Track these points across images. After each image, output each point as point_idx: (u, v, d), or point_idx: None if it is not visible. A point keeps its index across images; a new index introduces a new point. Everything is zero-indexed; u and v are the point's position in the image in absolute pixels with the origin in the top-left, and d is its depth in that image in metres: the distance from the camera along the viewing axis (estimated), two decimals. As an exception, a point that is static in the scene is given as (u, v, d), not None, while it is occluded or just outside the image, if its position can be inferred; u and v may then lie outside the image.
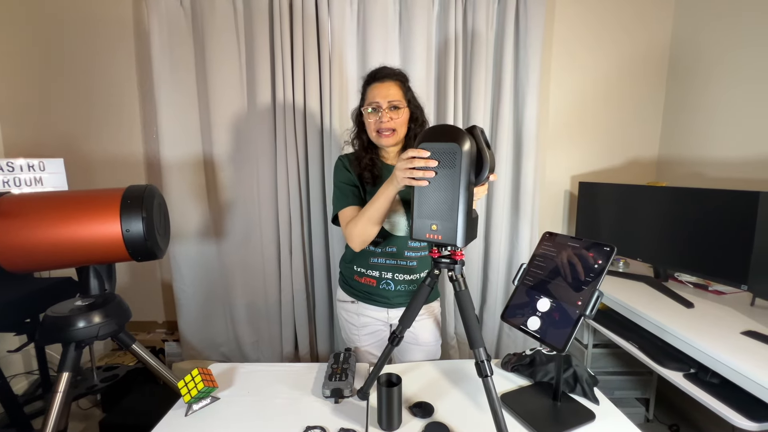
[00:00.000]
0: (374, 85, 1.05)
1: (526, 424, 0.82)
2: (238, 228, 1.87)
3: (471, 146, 0.71)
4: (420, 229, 0.77)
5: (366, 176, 1.07)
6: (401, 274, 1.11)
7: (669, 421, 1.75)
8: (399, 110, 1.04)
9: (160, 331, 2.12)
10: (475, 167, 0.73)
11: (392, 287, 1.12)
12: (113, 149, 1.94)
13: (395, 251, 1.10)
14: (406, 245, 1.10)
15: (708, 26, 1.75)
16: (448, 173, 0.72)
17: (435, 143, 0.74)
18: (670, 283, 1.55)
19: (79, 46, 1.86)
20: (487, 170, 0.74)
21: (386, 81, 1.04)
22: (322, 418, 0.85)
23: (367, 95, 1.07)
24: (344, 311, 1.21)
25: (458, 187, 0.71)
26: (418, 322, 1.16)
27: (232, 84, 1.76)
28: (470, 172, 0.72)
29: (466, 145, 0.71)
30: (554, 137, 1.99)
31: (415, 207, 0.77)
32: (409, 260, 1.11)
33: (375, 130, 1.05)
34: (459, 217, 0.72)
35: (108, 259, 1.06)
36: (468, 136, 0.72)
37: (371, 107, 1.04)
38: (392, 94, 1.03)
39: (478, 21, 1.71)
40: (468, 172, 0.71)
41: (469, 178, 0.72)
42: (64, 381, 0.99)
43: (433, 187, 0.74)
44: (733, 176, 1.61)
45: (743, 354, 1.01)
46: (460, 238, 0.73)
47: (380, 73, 1.06)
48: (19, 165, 1.49)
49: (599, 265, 0.76)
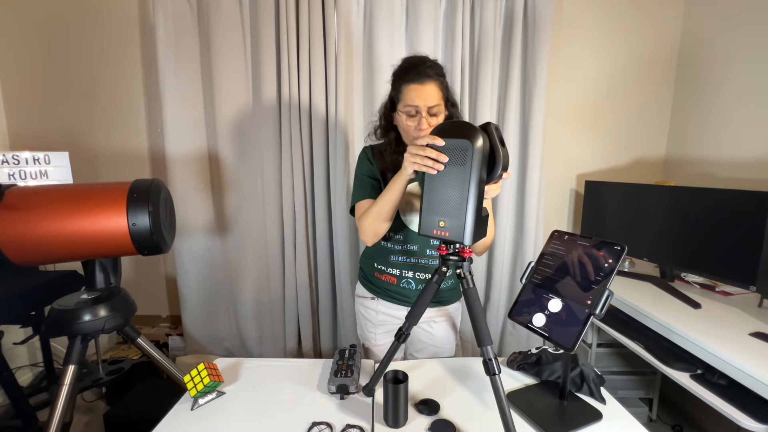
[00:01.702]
0: (413, 86, 0.95)
1: (533, 423, 0.82)
2: (242, 223, 1.87)
3: (483, 144, 0.70)
4: (428, 224, 0.76)
5: (389, 176, 1.01)
6: (422, 273, 1.08)
7: (672, 422, 1.74)
8: (438, 115, 0.97)
9: (164, 325, 2.12)
10: (488, 165, 0.72)
11: (413, 286, 1.09)
12: (118, 143, 1.94)
13: (416, 250, 1.07)
14: (428, 244, 1.07)
15: (718, 25, 1.73)
16: (458, 170, 0.71)
17: (447, 139, 0.73)
18: (677, 283, 1.54)
19: (85, 40, 1.85)
20: (500, 168, 0.73)
21: (427, 83, 0.94)
22: (327, 414, 0.85)
23: (404, 96, 0.96)
24: (363, 307, 1.18)
25: (468, 185, 0.70)
26: (437, 324, 1.14)
27: (238, 78, 1.75)
28: (481, 170, 0.71)
29: (478, 143, 0.70)
30: (561, 135, 1.97)
31: (424, 202, 0.76)
32: (430, 259, 1.08)
33: (412, 135, 0.97)
34: (468, 215, 0.71)
35: (114, 253, 1.06)
36: (481, 133, 0.71)
37: (408, 113, 0.96)
38: (432, 99, 0.95)
39: (486, 17, 1.70)
40: (479, 170, 0.70)
41: (480, 175, 0.71)
42: (70, 374, 0.99)
43: (443, 183, 0.74)
44: (742, 176, 1.59)
45: (751, 355, 1.00)
46: (467, 236, 0.72)
47: (420, 72, 0.94)
48: (24, 158, 1.49)
49: (609, 264, 0.75)
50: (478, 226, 0.74)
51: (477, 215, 0.72)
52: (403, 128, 1.00)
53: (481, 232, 0.76)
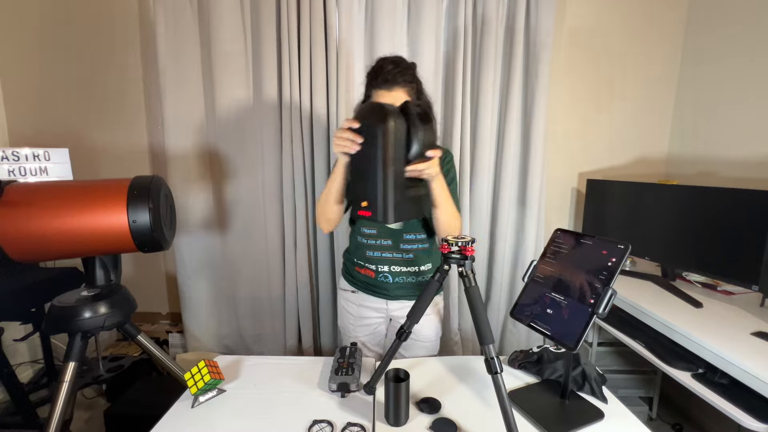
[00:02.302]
0: (380, 92, 0.95)
1: (535, 422, 0.82)
2: (242, 220, 1.87)
3: (394, 125, 0.70)
4: (356, 205, 0.78)
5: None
6: (399, 266, 1.11)
7: (672, 421, 1.75)
8: None
9: (164, 322, 2.12)
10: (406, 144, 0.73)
11: (390, 279, 1.12)
12: (118, 140, 1.93)
13: (390, 244, 1.09)
14: (402, 238, 1.09)
15: (722, 23, 1.72)
16: (372, 151, 0.72)
17: (363, 121, 0.74)
18: (678, 282, 1.54)
19: (85, 36, 1.84)
20: (418, 148, 0.73)
21: (394, 89, 0.94)
22: (328, 412, 0.85)
23: (373, 99, 0.98)
24: (344, 300, 1.22)
25: (378, 165, 0.71)
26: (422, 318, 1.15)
27: (238, 74, 1.74)
28: (394, 150, 0.71)
29: (387, 124, 0.70)
30: (562, 133, 1.96)
31: (351, 183, 0.79)
32: (405, 253, 1.10)
33: None
34: (386, 195, 0.72)
35: (114, 250, 1.05)
36: (394, 114, 0.71)
37: None
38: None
39: (488, 13, 1.69)
40: (391, 150, 0.70)
41: (393, 155, 0.71)
42: (70, 370, 0.99)
43: (362, 164, 0.75)
44: (745, 176, 1.58)
45: (753, 355, 1.00)
46: (386, 215, 0.74)
47: (387, 78, 0.94)
48: (24, 154, 1.48)
49: (613, 263, 0.75)
50: (404, 205, 0.74)
51: (396, 194, 0.73)
52: None
53: (410, 211, 0.77)
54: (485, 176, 1.81)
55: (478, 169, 1.81)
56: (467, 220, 1.84)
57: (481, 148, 1.79)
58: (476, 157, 1.81)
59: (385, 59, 1.00)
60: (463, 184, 1.80)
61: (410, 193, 0.77)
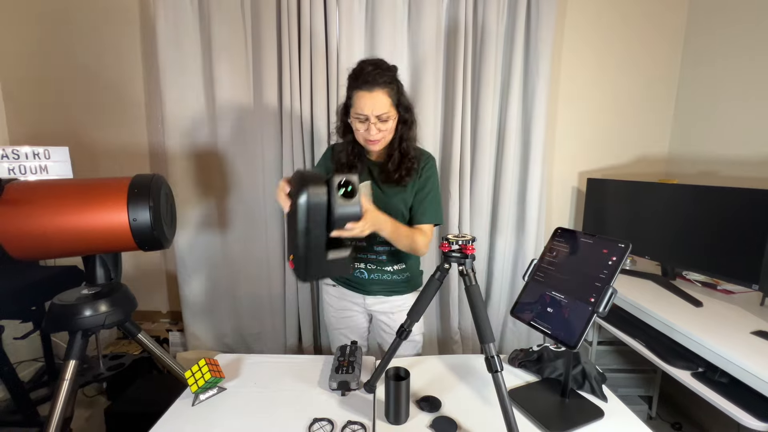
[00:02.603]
0: (361, 93, 0.96)
1: (535, 421, 0.82)
2: (243, 219, 1.87)
3: (312, 198, 0.77)
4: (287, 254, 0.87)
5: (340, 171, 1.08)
6: (373, 264, 1.15)
7: (672, 419, 1.75)
8: (387, 121, 0.99)
9: (164, 321, 2.12)
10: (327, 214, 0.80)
11: (366, 276, 1.15)
12: (118, 138, 1.93)
13: (364, 246, 1.12)
14: (375, 241, 1.11)
15: (722, 23, 1.71)
16: (294, 216, 0.79)
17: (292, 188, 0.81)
18: (678, 281, 1.54)
19: (85, 34, 1.84)
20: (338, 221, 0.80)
21: (374, 90, 0.95)
22: (329, 410, 0.85)
23: (355, 102, 0.98)
24: (327, 294, 1.27)
25: (295, 231, 0.79)
26: (396, 315, 1.17)
27: (239, 74, 1.73)
28: (312, 221, 0.78)
29: (302, 197, 0.77)
30: (563, 132, 1.96)
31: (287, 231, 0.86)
32: (378, 254, 1.13)
33: (363, 138, 1.02)
34: (305, 258, 0.80)
35: (114, 248, 1.05)
36: (314, 188, 0.77)
37: (358, 118, 0.99)
38: (381, 107, 0.96)
39: (489, 13, 1.68)
40: (305, 220, 0.78)
41: (306, 225, 0.78)
42: (71, 369, 0.99)
43: (290, 222, 0.82)
44: (746, 175, 1.58)
45: (753, 354, 1.00)
46: (306, 277, 0.82)
47: (368, 80, 0.95)
48: (24, 153, 1.48)
49: (613, 261, 0.75)
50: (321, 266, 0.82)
51: (314, 258, 0.81)
52: (355, 130, 1.03)
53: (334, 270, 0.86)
54: (485, 175, 1.81)
55: (479, 168, 1.81)
56: (467, 219, 1.84)
57: (482, 147, 1.79)
58: (476, 155, 1.81)
59: (365, 61, 0.99)
60: (463, 183, 1.80)
61: (332, 255, 0.83)
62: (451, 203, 1.80)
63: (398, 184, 1.06)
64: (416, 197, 1.10)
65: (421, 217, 1.09)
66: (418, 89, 1.76)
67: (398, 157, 1.06)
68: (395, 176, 1.05)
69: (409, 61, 1.76)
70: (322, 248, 0.81)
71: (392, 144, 1.06)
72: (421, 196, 1.09)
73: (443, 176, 1.82)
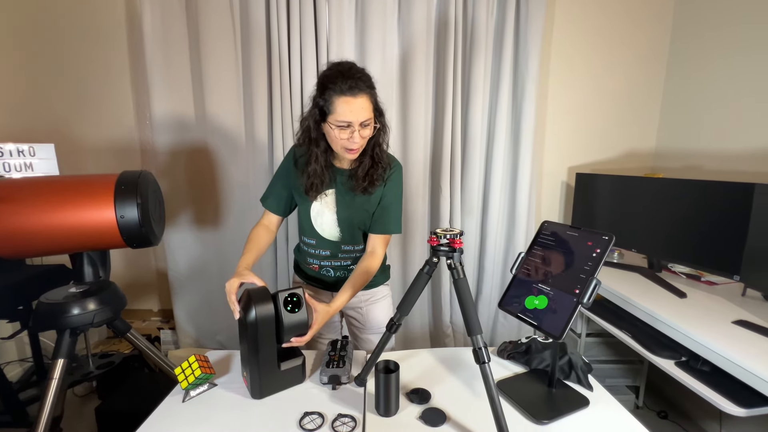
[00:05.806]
0: (344, 99, 0.90)
1: (522, 410, 0.83)
2: (233, 215, 1.86)
3: (258, 315, 0.82)
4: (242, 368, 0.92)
5: (308, 186, 1.02)
6: (338, 265, 1.15)
7: (658, 408, 1.79)
8: (369, 126, 0.95)
9: (155, 319, 2.11)
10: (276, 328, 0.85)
11: (332, 274, 1.15)
12: (105, 135, 1.90)
13: (328, 254, 1.12)
14: (340, 248, 1.11)
15: (708, 19, 1.74)
16: (244, 332, 0.84)
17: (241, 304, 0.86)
18: (664, 273, 1.57)
19: (71, 30, 1.80)
20: (287, 333, 0.86)
21: (359, 96, 0.90)
22: (320, 404, 0.86)
23: (336, 108, 0.91)
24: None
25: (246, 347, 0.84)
26: (367, 307, 1.18)
27: (228, 69, 1.72)
28: (261, 336, 0.83)
29: (249, 315, 0.82)
30: (552, 127, 1.98)
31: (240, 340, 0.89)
32: (343, 260, 1.13)
33: (343, 146, 0.95)
34: (257, 374, 0.84)
35: (102, 246, 1.05)
36: (258, 305, 0.82)
37: (340, 126, 0.92)
38: (364, 113, 0.92)
39: (479, 9, 1.69)
40: (258, 337, 0.83)
41: (257, 343, 0.83)
42: (59, 368, 0.99)
43: (241, 333, 0.87)
44: (729, 169, 1.62)
45: (734, 342, 1.03)
46: (257, 393, 0.86)
47: (352, 84, 0.90)
48: (8, 150, 1.45)
49: (597, 253, 0.76)
50: (273, 379, 0.87)
51: (265, 373, 0.85)
52: (332, 138, 0.96)
53: (287, 382, 0.90)
54: (476, 170, 1.82)
55: (469, 163, 1.82)
56: (458, 213, 1.85)
57: (472, 142, 1.80)
58: (467, 150, 1.82)
59: (341, 64, 0.94)
60: (454, 178, 1.81)
61: (285, 365, 0.88)
62: (442, 198, 1.81)
63: (365, 192, 1.03)
64: (380, 204, 1.07)
65: (382, 227, 1.07)
66: (408, 85, 1.76)
67: (369, 163, 1.02)
68: (364, 184, 1.02)
69: (400, 56, 1.76)
70: (274, 362, 0.87)
71: (365, 150, 1.01)
72: (384, 203, 1.07)
73: (435, 171, 1.83)
